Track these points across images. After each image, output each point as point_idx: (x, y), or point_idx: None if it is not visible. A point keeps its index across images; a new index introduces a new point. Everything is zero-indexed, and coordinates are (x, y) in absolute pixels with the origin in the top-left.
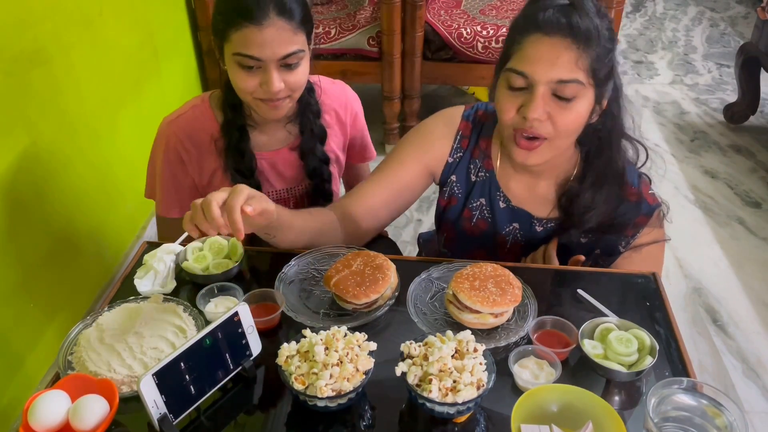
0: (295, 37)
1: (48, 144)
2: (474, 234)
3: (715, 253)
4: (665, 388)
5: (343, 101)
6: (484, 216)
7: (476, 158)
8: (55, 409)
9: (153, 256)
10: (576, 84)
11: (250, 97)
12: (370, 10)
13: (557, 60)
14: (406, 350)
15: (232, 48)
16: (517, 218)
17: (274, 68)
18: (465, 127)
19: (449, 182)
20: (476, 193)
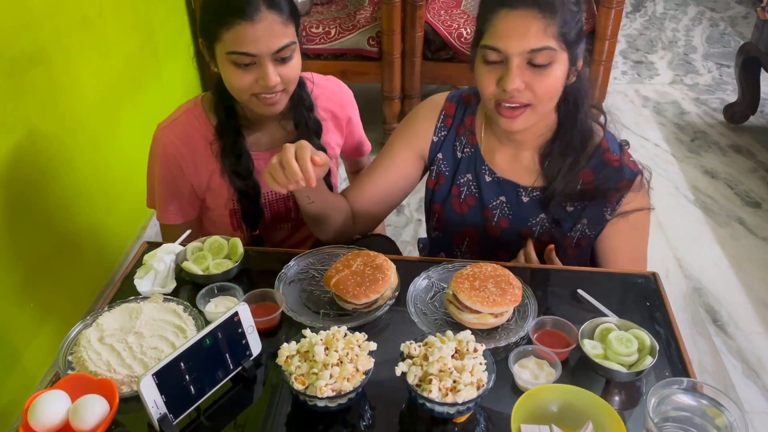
0: (286, 29)
1: (48, 144)
2: (463, 211)
3: (715, 253)
4: (665, 388)
5: (336, 95)
6: (472, 191)
7: (461, 135)
8: (55, 409)
9: (153, 256)
10: (548, 51)
11: (247, 95)
12: (370, 10)
13: (526, 31)
14: (406, 350)
15: (225, 47)
16: (504, 190)
17: (269, 62)
18: (449, 107)
19: (436, 160)
20: (463, 169)
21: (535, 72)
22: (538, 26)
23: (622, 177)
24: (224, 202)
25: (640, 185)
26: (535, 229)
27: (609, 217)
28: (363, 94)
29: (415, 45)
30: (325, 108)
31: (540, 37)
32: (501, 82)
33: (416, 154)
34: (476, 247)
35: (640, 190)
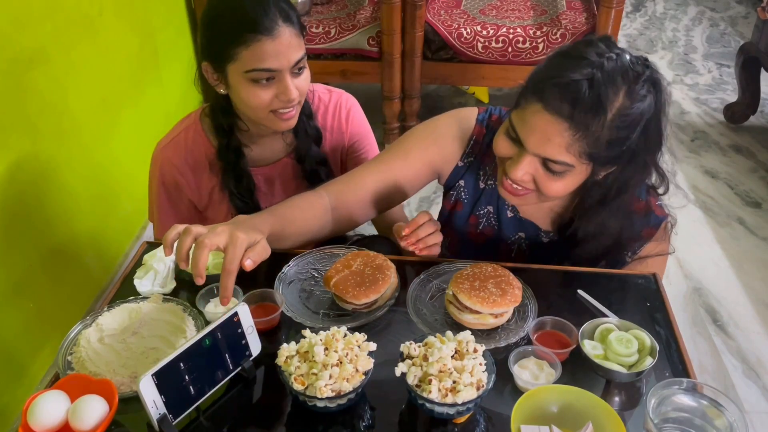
0: (300, 41)
1: (48, 144)
2: (479, 241)
3: (715, 253)
4: (665, 388)
5: (338, 105)
6: (491, 224)
7: (486, 165)
8: (54, 409)
9: (153, 256)
10: (564, 165)
11: (265, 113)
12: (370, 10)
13: (549, 140)
14: (406, 351)
15: (242, 66)
16: (524, 228)
17: (289, 76)
18: (479, 132)
19: (457, 186)
20: (484, 201)
21: (546, 173)
22: (562, 140)
23: (647, 224)
24: (224, 216)
25: (663, 232)
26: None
27: (629, 260)
28: (363, 94)
29: (415, 45)
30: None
31: (560, 151)
32: (509, 163)
33: (432, 169)
34: None
35: (663, 238)
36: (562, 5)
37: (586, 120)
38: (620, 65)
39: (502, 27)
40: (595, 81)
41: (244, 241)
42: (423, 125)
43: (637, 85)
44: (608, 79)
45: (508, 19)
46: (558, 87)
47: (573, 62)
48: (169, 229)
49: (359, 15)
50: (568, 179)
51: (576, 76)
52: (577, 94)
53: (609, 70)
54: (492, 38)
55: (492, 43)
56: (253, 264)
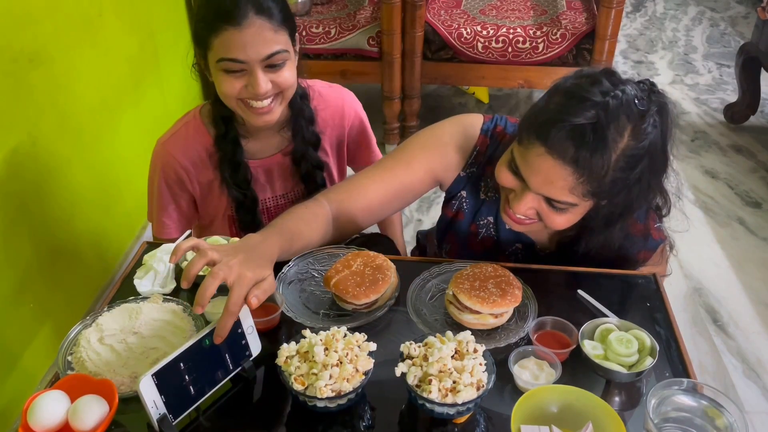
0: (276, 36)
1: (48, 144)
2: (478, 248)
3: (716, 253)
4: (665, 388)
5: (339, 105)
6: (490, 233)
7: (488, 177)
8: (54, 409)
9: (153, 256)
10: (568, 204)
11: (235, 102)
12: (370, 10)
13: (552, 182)
14: (406, 351)
15: (215, 55)
16: (521, 240)
17: (259, 69)
18: (482, 143)
19: (458, 196)
20: (484, 211)
21: (549, 208)
22: (566, 183)
23: (644, 247)
24: (222, 210)
25: (660, 255)
26: None
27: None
28: (363, 94)
29: (415, 45)
30: (324, 117)
31: (563, 193)
32: (512, 197)
33: (434, 177)
34: None
35: (660, 261)
36: (562, 5)
37: (591, 164)
38: (625, 103)
39: (502, 27)
40: (599, 124)
41: (250, 281)
42: (426, 131)
43: (643, 124)
44: (613, 120)
45: (508, 19)
46: (562, 131)
47: (576, 104)
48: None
49: (359, 15)
50: (572, 214)
51: (580, 120)
52: (581, 138)
53: (614, 110)
54: (492, 38)
55: (492, 43)
56: (257, 302)
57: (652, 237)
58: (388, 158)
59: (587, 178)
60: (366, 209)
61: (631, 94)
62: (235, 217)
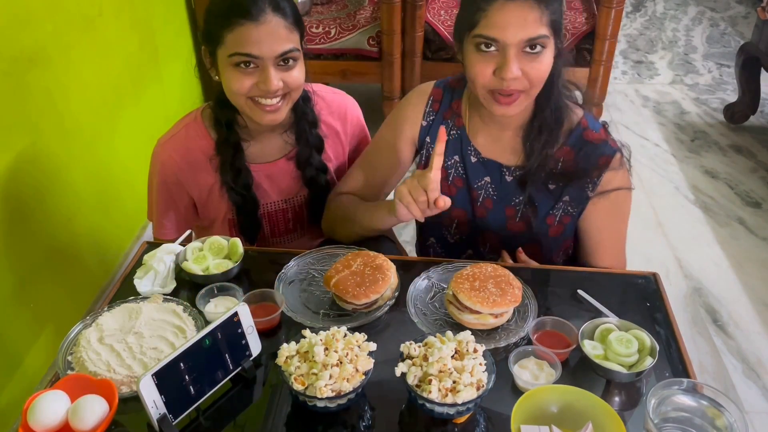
0: (290, 35)
1: (48, 143)
2: (451, 193)
3: (715, 253)
4: (665, 388)
5: (342, 111)
6: (459, 173)
7: (448, 119)
8: (54, 409)
9: (153, 256)
10: (543, 38)
11: (244, 100)
12: (370, 10)
13: (524, 22)
14: (406, 351)
15: (227, 50)
16: (488, 170)
17: (272, 66)
18: (436, 93)
19: (425, 144)
20: (450, 151)
21: (530, 58)
22: (535, 15)
23: (602, 153)
24: (223, 214)
25: (620, 163)
26: (518, 209)
27: (590, 195)
28: (363, 94)
29: (415, 45)
30: (327, 122)
31: (536, 26)
32: (498, 71)
33: (409, 140)
34: (465, 228)
35: (620, 168)
36: None
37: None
38: None
39: None
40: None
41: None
42: (391, 113)
43: None
44: None
45: None
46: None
47: None
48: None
49: (359, 15)
50: (545, 57)
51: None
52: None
53: None
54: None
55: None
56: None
57: (609, 144)
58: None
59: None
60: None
61: None
62: (235, 220)
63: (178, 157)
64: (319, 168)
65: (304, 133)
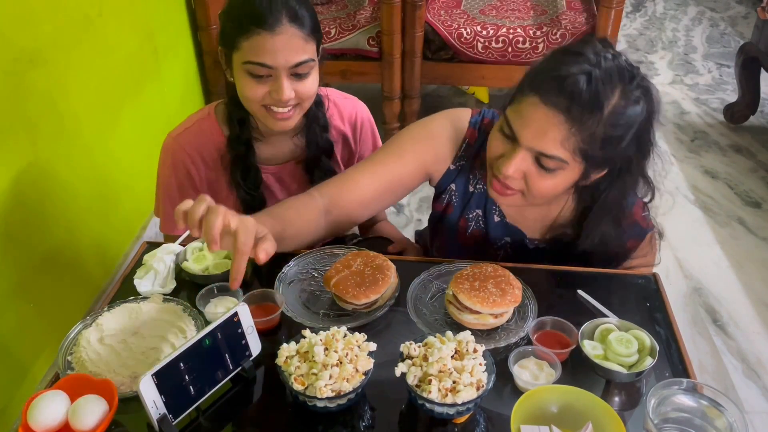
0: (306, 45)
1: (48, 144)
2: (467, 243)
3: (715, 253)
4: (665, 388)
5: (352, 116)
6: (480, 226)
7: (476, 169)
8: (54, 409)
9: (153, 256)
10: (558, 161)
11: (257, 106)
12: (370, 10)
13: (544, 134)
14: (406, 351)
15: (242, 56)
16: (510, 233)
17: (285, 76)
18: (471, 135)
19: (448, 190)
20: (473, 204)
21: (538, 170)
22: (558, 134)
23: (632, 236)
24: None
25: (649, 244)
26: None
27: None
28: (363, 94)
29: (415, 45)
30: (337, 127)
31: (554, 146)
32: (501, 159)
33: (425, 171)
34: None
35: (649, 250)
36: (562, 5)
37: (583, 115)
38: (617, 65)
39: (502, 27)
40: (593, 77)
41: (254, 227)
42: (417, 125)
43: (631, 86)
44: (605, 76)
45: (508, 19)
46: (556, 81)
47: (571, 58)
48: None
49: (359, 15)
50: (559, 178)
51: (574, 71)
52: (574, 87)
53: (606, 68)
54: (492, 38)
55: (492, 43)
56: (266, 256)
57: (640, 225)
58: (380, 152)
59: (578, 129)
60: (359, 202)
61: (622, 59)
62: None
63: (191, 150)
64: (327, 172)
65: (314, 137)
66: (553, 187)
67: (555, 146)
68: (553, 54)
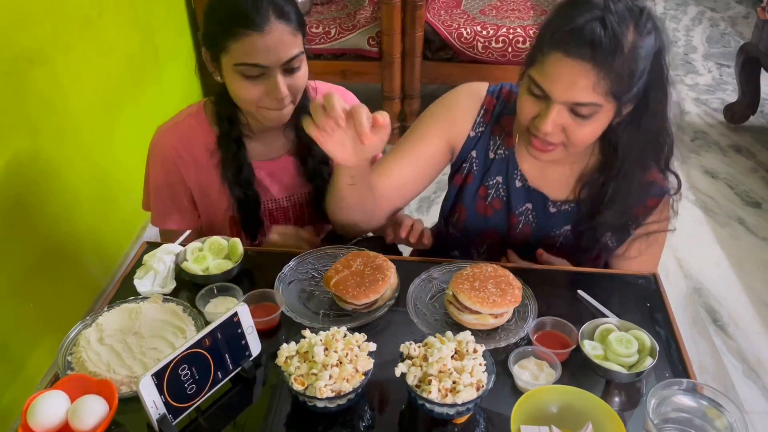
0: (295, 39)
1: (48, 143)
2: (487, 213)
3: (715, 253)
4: (665, 389)
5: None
6: (500, 195)
7: (496, 135)
8: (54, 409)
9: (153, 256)
10: (593, 106)
11: (254, 107)
12: (370, 10)
13: (575, 84)
14: (406, 351)
15: (232, 59)
16: (532, 198)
17: (279, 73)
18: (489, 102)
19: (469, 157)
20: (494, 171)
21: (575, 120)
22: (588, 81)
23: (651, 194)
24: (223, 210)
25: (666, 204)
26: (558, 240)
27: (633, 231)
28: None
29: (415, 45)
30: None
31: (587, 93)
32: (537, 119)
33: (449, 145)
34: (496, 250)
35: (665, 210)
36: None
37: (607, 58)
38: (624, 4)
39: (502, 27)
40: (606, 21)
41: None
42: (435, 103)
43: (642, 20)
44: (618, 18)
45: (508, 19)
46: (574, 33)
47: (580, 8)
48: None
49: (359, 15)
50: (596, 122)
51: (588, 19)
52: (593, 35)
53: (616, 10)
54: (492, 38)
55: (492, 43)
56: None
57: (659, 184)
58: (405, 137)
59: (606, 72)
60: (395, 188)
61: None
62: (236, 217)
63: (179, 145)
64: (320, 160)
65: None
66: (593, 131)
67: (588, 93)
68: (560, 8)
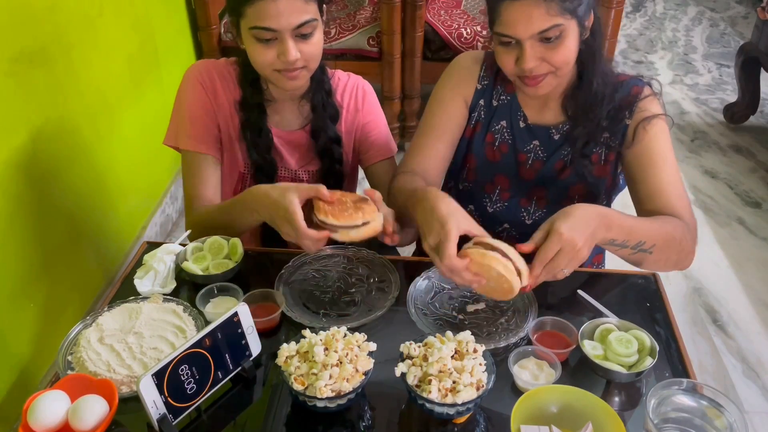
0: (307, 6)
1: (48, 143)
2: (496, 159)
3: (715, 253)
4: (665, 389)
5: (356, 87)
6: (505, 138)
7: (498, 85)
8: (54, 409)
9: (153, 256)
10: (556, 27)
11: (269, 70)
12: (370, 10)
13: (530, 17)
14: (406, 351)
15: (248, 23)
16: (536, 135)
17: (290, 38)
18: (489, 58)
19: (478, 107)
20: (498, 117)
21: (549, 46)
22: (540, 9)
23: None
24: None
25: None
26: (567, 160)
27: (628, 121)
28: None
29: (415, 45)
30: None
31: (545, 19)
32: (518, 62)
33: (464, 102)
34: (507, 194)
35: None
36: None
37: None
38: None
39: None
40: None
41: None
42: (442, 78)
43: None
44: None
45: None
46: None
47: None
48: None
49: (359, 15)
50: (567, 41)
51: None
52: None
53: None
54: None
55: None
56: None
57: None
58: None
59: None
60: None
61: None
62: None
63: (216, 78)
64: (332, 138)
65: (320, 100)
66: (568, 50)
67: (546, 19)
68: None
